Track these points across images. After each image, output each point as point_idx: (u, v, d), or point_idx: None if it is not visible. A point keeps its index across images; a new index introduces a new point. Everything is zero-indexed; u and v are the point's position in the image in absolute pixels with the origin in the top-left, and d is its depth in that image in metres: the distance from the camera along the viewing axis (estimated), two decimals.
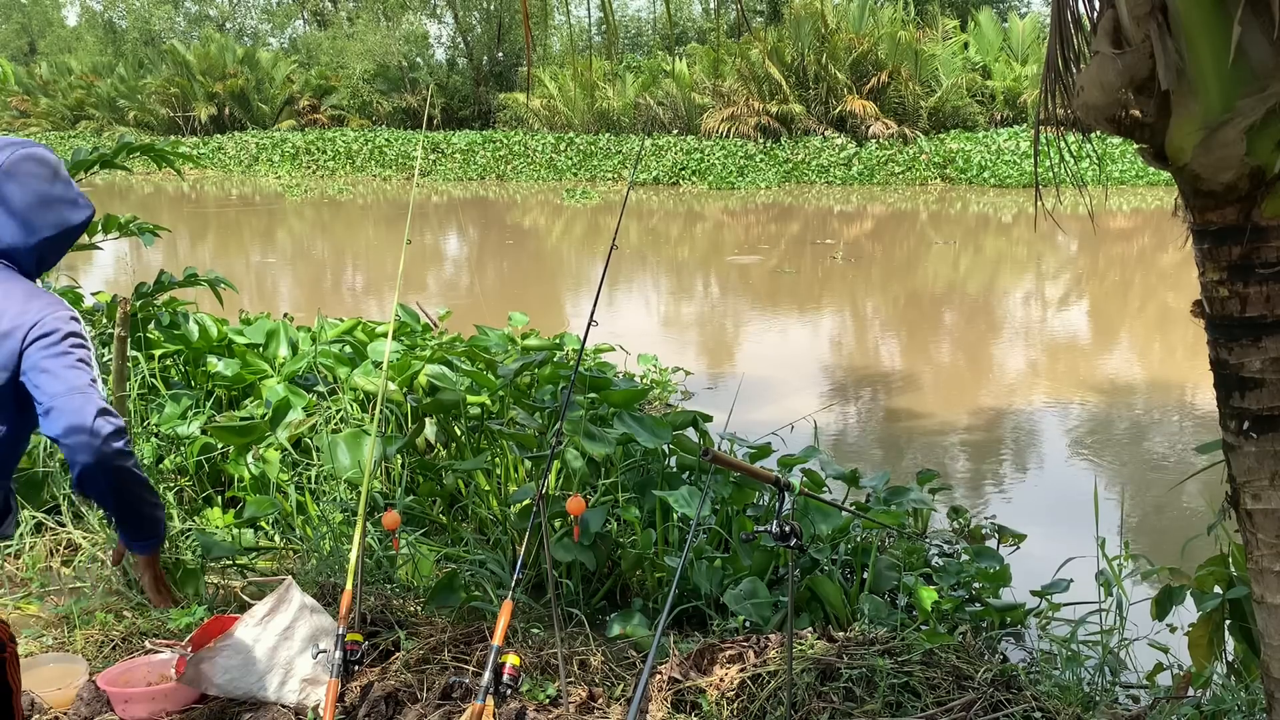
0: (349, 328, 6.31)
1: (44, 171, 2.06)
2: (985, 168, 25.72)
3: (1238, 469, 1.94)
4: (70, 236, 2.11)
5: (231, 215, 23.38)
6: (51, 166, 2.08)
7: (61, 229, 2.08)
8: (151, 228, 4.80)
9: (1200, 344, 2.00)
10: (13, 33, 53.65)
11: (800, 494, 2.64)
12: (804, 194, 25.17)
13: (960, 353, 10.07)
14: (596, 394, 4.82)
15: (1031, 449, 7.01)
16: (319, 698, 3.05)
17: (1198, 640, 3.07)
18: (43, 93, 39.99)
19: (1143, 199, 22.57)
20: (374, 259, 16.98)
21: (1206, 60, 1.73)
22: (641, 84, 30.69)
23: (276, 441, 4.69)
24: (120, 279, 13.77)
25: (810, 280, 14.05)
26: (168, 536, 3.89)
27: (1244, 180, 1.77)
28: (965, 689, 3.08)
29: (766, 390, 7.95)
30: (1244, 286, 1.83)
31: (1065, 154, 2.21)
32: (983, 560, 4.12)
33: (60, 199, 2.07)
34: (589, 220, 21.75)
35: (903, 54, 26.48)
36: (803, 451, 4.70)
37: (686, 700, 3.09)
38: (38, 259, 2.09)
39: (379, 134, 33.48)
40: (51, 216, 2.06)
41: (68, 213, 2.09)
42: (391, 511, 3.16)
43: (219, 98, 36.06)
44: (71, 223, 2.10)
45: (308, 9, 47.07)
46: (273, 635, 3.10)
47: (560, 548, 3.82)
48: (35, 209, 2.04)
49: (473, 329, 6.69)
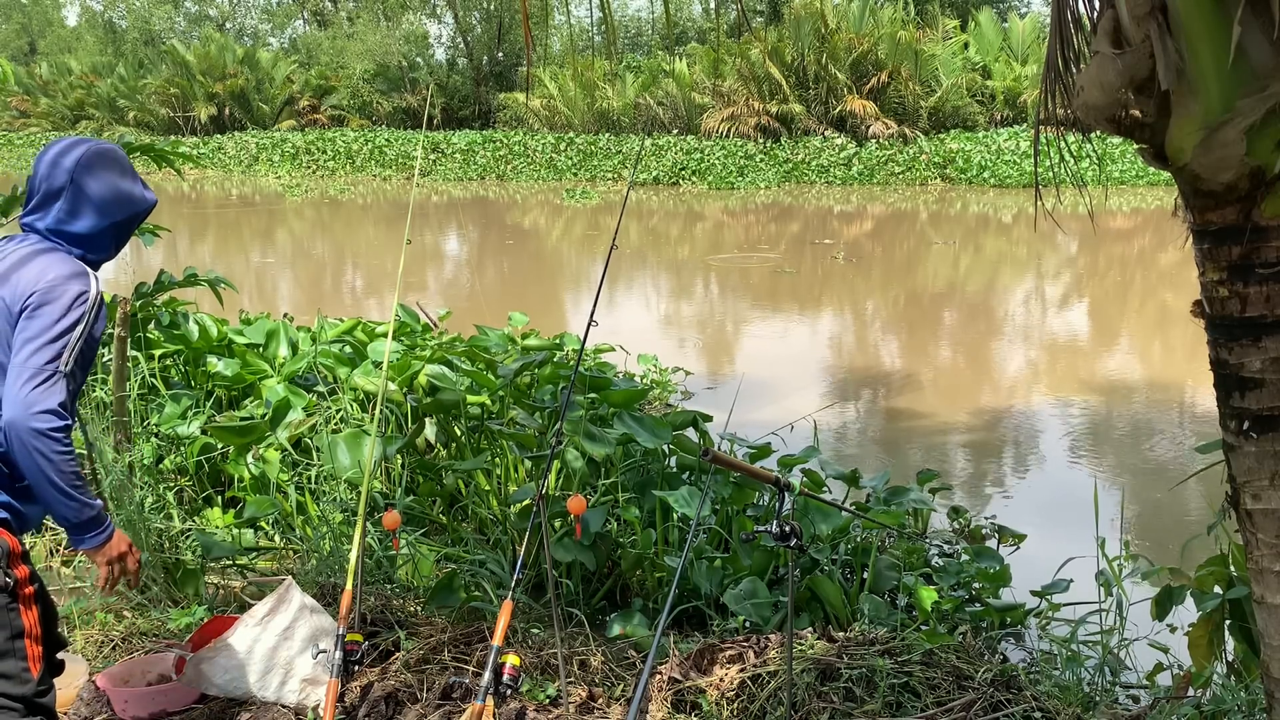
0: (349, 328, 6.31)
1: (116, 166, 2.34)
2: (985, 168, 25.72)
3: (1238, 469, 1.94)
4: (137, 221, 2.41)
5: (231, 215, 23.38)
6: (121, 161, 2.36)
7: (130, 214, 2.37)
8: (151, 228, 4.80)
9: (1200, 344, 2.00)
10: (13, 33, 53.65)
11: (800, 494, 2.64)
12: (804, 194, 25.17)
13: (960, 353, 10.07)
14: (596, 394, 4.82)
15: (1031, 449, 7.01)
16: (319, 698, 3.05)
17: (1198, 640, 3.06)
18: (43, 93, 39.98)
19: (1143, 199, 22.57)
20: (374, 259, 16.98)
21: (1206, 60, 1.73)
22: (641, 84, 30.69)
23: (276, 441, 4.69)
24: (120, 279, 13.76)
25: (810, 280, 14.05)
26: (169, 535, 3.90)
27: (1244, 180, 1.77)
28: (965, 689, 3.08)
29: (766, 390, 7.95)
30: (1244, 286, 1.83)
31: (1065, 154, 2.21)
32: (983, 560, 4.12)
33: (129, 190, 2.35)
34: (589, 220, 21.75)
35: (903, 54, 26.48)
36: (803, 451, 4.70)
37: (686, 700, 3.09)
38: (112, 241, 2.37)
39: (379, 134, 33.48)
40: (123, 205, 2.34)
41: (136, 201, 2.38)
42: (391, 511, 3.16)
43: (219, 98, 36.06)
44: (138, 209, 2.38)
45: (308, 9, 47.08)
46: (273, 635, 3.10)
47: (560, 548, 3.82)
48: (110, 200, 2.31)
49: (473, 329, 6.69)
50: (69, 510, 2.17)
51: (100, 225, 2.30)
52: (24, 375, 2.09)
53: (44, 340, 2.12)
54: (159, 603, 3.73)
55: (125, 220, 2.36)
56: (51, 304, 2.15)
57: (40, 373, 2.09)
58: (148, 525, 3.77)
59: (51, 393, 2.09)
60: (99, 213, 2.29)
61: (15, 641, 2.09)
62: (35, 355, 2.10)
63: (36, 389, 2.08)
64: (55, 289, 2.16)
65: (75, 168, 2.27)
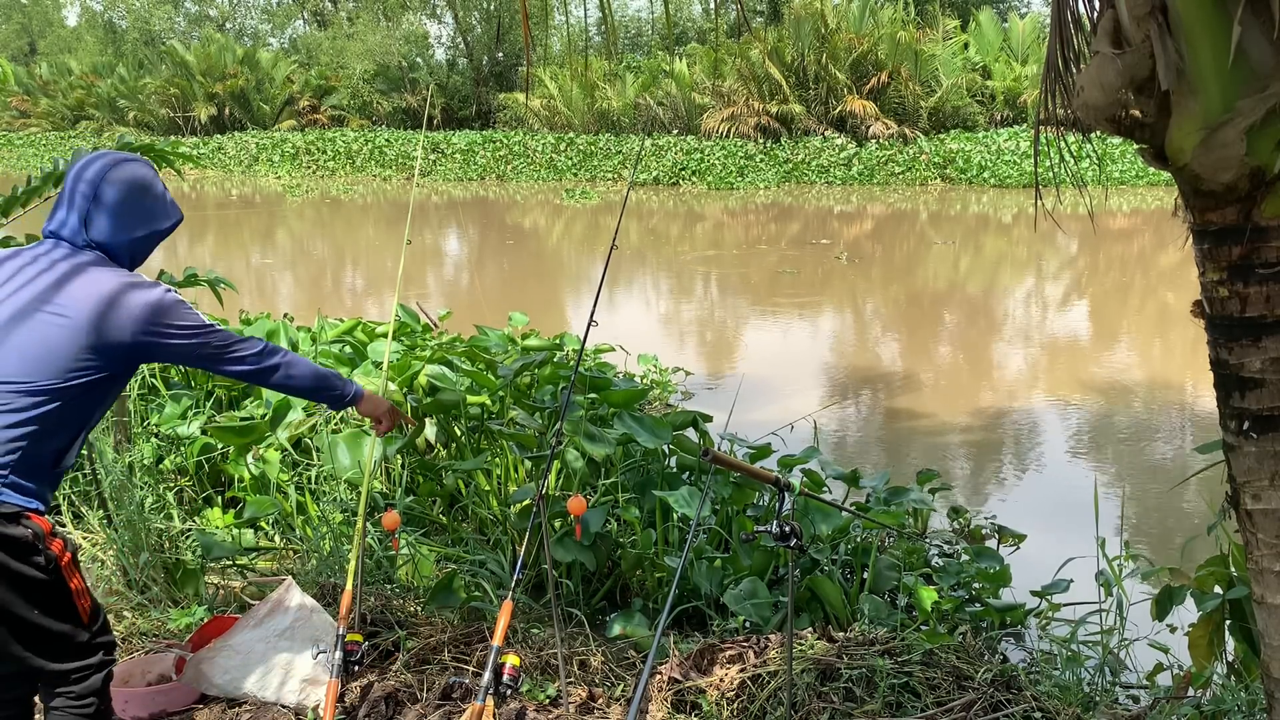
0: (349, 328, 6.31)
1: (137, 182, 2.38)
2: (985, 168, 25.72)
3: (1238, 469, 1.94)
4: (157, 238, 2.46)
5: (231, 215, 23.37)
6: (144, 180, 2.41)
7: (150, 231, 2.43)
8: None
9: (1200, 344, 2.00)
10: (13, 33, 53.66)
11: (800, 494, 2.64)
12: (804, 194, 25.17)
13: (960, 353, 10.07)
14: (596, 394, 4.83)
15: (1031, 449, 7.01)
16: (319, 698, 3.05)
17: (1198, 640, 3.06)
18: (43, 93, 39.98)
19: (1143, 199, 22.57)
20: (374, 259, 16.98)
21: (1206, 60, 1.73)
22: (641, 84, 30.69)
23: (276, 441, 4.69)
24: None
25: (810, 280, 14.05)
26: (169, 535, 3.90)
27: (1244, 180, 1.77)
28: (965, 689, 3.08)
29: (766, 390, 7.95)
30: (1244, 286, 1.83)
31: (1065, 154, 2.21)
32: (983, 560, 4.12)
33: (150, 207, 2.41)
34: (589, 220, 21.75)
35: (903, 54, 26.48)
36: (803, 452, 4.70)
37: (686, 700, 3.09)
38: (130, 255, 2.42)
39: (379, 134, 33.47)
40: (141, 221, 2.39)
41: (157, 219, 2.43)
42: (391, 512, 3.16)
43: (219, 98, 36.06)
44: (159, 227, 2.44)
45: (308, 9, 47.07)
46: (273, 635, 3.10)
47: (560, 548, 3.82)
48: (126, 214, 2.36)
49: (473, 329, 6.69)
50: (331, 401, 2.76)
51: (117, 239, 2.36)
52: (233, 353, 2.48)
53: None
54: (159, 603, 3.73)
55: (145, 237, 2.42)
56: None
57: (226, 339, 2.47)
58: (148, 525, 3.77)
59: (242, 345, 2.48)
60: (116, 225, 2.35)
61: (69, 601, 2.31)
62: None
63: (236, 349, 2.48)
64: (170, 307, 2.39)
65: (99, 180, 2.33)
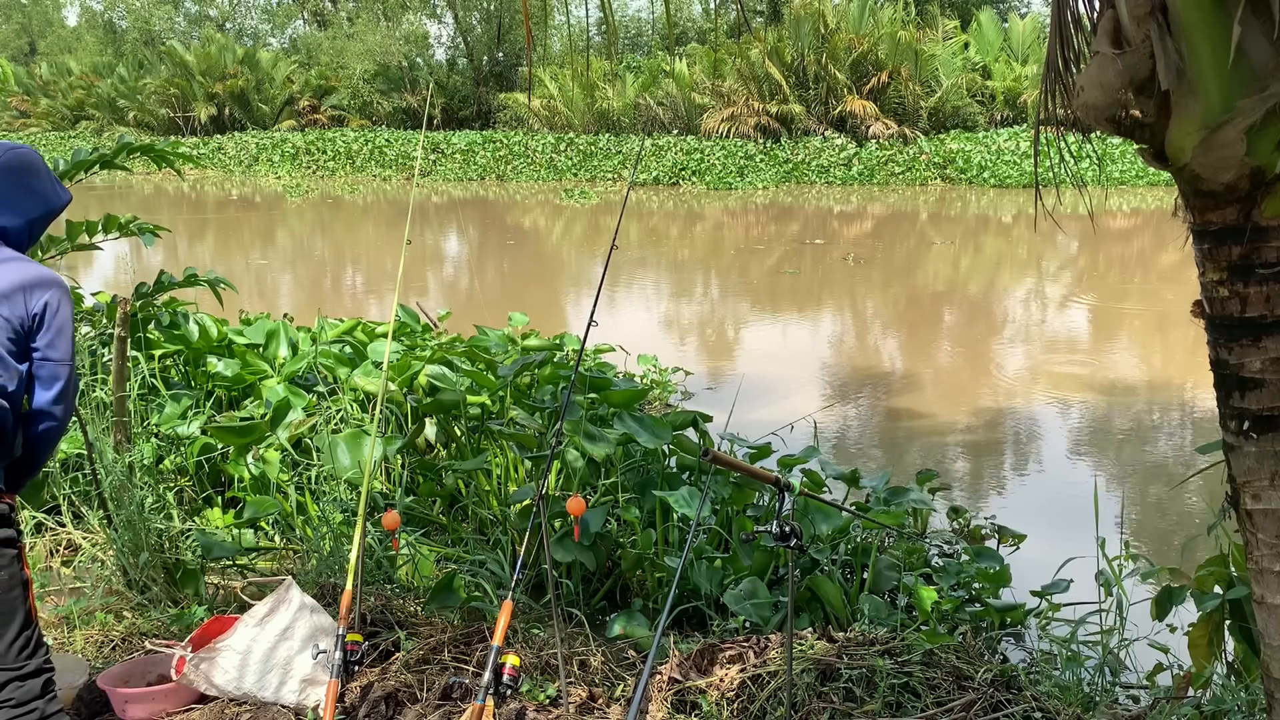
0: (349, 328, 6.31)
1: (27, 167, 2.55)
2: (985, 168, 25.72)
3: (1238, 469, 1.93)
4: (52, 216, 2.64)
5: (231, 216, 23.37)
6: (34, 163, 2.58)
7: (45, 210, 2.60)
8: (151, 228, 4.80)
9: (1200, 344, 2.00)
10: (13, 33, 53.67)
11: (800, 494, 2.64)
12: (804, 194, 25.16)
13: (960, 353, 10.07)
14: (596, 394, 4.82)
15: (1031, 449, 7.01)
16: (319, 698, 3.05)
17: (1198, 640, 3.06)
18: (43, 93, 39.99)
19: (1143, 199, 22.57)
20: (374, 259, 16.98)
21: (1206, 60, 1.73)
22: (641, 84, 30.70)
23: (276, 442, 4.69)
24: (120, 279, 13.78)
25: (810, 280, 14.05)
26: (169, 535, 3.90)
27: (1244, 180, 1.77)
28: (965, 689, 3.08)
29: (766, 390, 7.95)
30: (1244, 286, 1.83)
31: (1065, 154, 2.21)
32: (983, 560, 4.11)
33: (41, 189, 2.58)
34: (589, 220, 21.75)
35: (903, 54, 26.49)
36: (803, 452, 4.70)
37: (686, 701, 3.09)
38: (29, 235, 2.58)
39: (379, 134, 33.49)
40: (36, 201, 2.56)
41: (49, 198, 2.60)
42: (391, 512, 3.16)
43: (219, 98, 36.07)
44: (53, 206, 2.61)
45: (308, 9, 47.08)
46: (272, 635, 3.10)
47: (560, 548, 3.82)
48: (20, 196, 2.52)
49: (473, 329, 6.69)
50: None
51: (15, 223, 2.52)
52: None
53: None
54: (159, 603, 3.73)
55: (41, 217, 2.60)
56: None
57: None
58: (148, 525, 3.77)
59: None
60: (13, 210, 2.51)
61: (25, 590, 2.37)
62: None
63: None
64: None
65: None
